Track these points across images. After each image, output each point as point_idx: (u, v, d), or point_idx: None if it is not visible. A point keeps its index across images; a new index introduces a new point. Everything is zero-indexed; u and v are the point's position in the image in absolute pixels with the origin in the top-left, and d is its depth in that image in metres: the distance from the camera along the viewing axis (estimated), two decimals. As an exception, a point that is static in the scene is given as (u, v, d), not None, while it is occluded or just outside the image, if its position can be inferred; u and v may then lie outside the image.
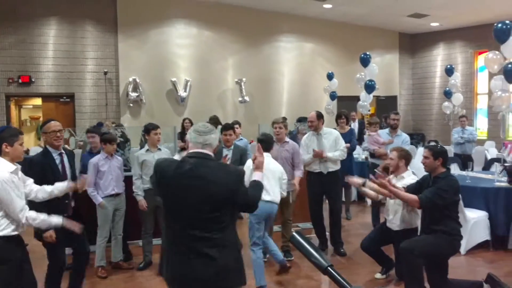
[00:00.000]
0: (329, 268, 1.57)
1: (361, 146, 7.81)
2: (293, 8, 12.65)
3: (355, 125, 10.28)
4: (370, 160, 6.82)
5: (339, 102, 12.93)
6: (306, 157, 5.63)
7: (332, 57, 14.05)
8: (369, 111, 10.51)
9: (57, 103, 11.37)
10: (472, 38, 13.68)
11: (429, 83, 15.08)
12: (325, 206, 5.95)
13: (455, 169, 7.19)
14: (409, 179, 4.51)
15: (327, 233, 5.91)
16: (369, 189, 4.64)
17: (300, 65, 13.70)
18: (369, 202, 7.86)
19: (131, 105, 11.58)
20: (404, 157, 4.65)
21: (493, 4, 11.25)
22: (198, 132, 2.62)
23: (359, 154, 8.63)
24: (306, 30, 13.59)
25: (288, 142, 5.47)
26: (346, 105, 11.16)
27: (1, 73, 10.65)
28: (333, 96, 12.71)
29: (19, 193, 3.13)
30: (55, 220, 3.35)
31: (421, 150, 8.96)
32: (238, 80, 12.56)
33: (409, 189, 4.29)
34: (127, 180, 5.33)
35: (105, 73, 11.28)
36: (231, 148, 5.42)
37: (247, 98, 12.56)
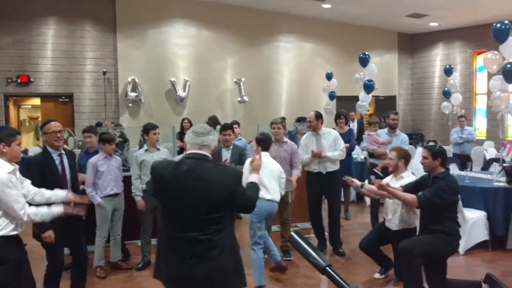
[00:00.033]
0: (327, 268, 1.57)
1: (360, 146, 7.80)
2: (292, 8, 12.65)
3: (354, 125, 10.28)
4: (369, 160, 6.81)
5: (338, 102, 12.93)
6: (305, 157, 5.63)
7: (331, 57, 14.04)
8: (368, 111, 10.50)
9: (56, 103, 11.36)
10: (471, 38, 13.69)
11: (428, 83, 15.08)
12: (324, 206, 5.95)
13: (454, 169, 7.19)
14: (408, 179, 4.50)
15: (326, 233, 5.91)
16: (367, 191, 4.65)
17: (299, 65, 13.69)
18: (368, 202, 7.86)
19: (130, 105, 11.57)
20: (403, 157, 4.66)
21: (492, 4, 11.26)
22: (196, 133, 2.61)
23: (358, 154, 8.64)
24: (305, 30, 13.58)
25: (287, 142, 5.47)
26: (345, 105, 11.16)
27: (0, 73, 10.64)
28: (332, 96, 12.73)
29: (18, 192, 3.12)
30: (56, 210, 3.37)
31: (420, 150, 8.96)
32: (237, 80, 12.55)
33: (407, 188, 4.29)
34: (126, 180, 5.33)
35: (104, 73, 11.27)
36: (230, 148, 5.41)
37: (246, 98, 12.55)
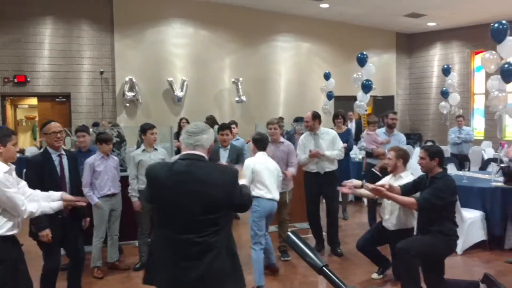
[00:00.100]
0: (324, 268, 1.55)
1: (358, 145, 7.78)
2: (290, 8, 12.64)
3: (352, 125, 10.28)
4: (367, 160, 6.77)
5: (336, 102, 12.92)
6: (302, 157, 5.62)
7: (329, 56, 14.04)
8: (366, 111, 10.51)
9: (53, 103, 11.32)
10: (469, 38, 13.70)
11: (426, 83, 15.09)
12: (322, 207, 5.94)
13: (452, 169, 7.19)
14: (407, 179, 4.49)
15: (323, 233, 5.90)
16: (367, 190, 4.61)
17: (297, 64, 13.68)
18: (365, 202, 7.85)
19: (128, 105, 11.53)
20: (402, 156, 4.65)
21: (489, 4, 11.27)
22: (188, 133, 2.54)
23: (356, 154, 8.62)
24: (303, 30, 13.57)
25: (283, 142, 5.46)
26: (343, 105, 11.16)
27: (-3, 72, 10.62)
28: (330, 96, 12.73)
29: (16, 190, 3.11)
30: (56, 204, 3.36)
31: (418, 150, 8.95)
32: (235, 79, 12.53)
33: (405, 188, 4.29)
34: (123, 180, 5.32)
35: (101, 72, 11.24)
36: (228, 148, 5.40)
37: (244, 98, 12.52)
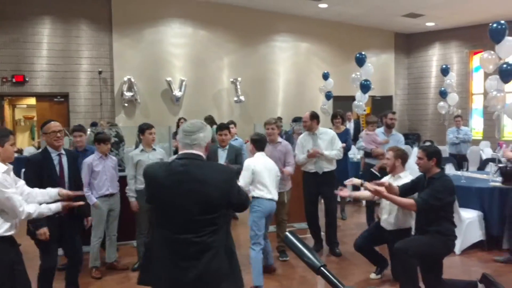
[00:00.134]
0: (322, 268, 1.55)
1: (356, 145, 7.77)
2: (289, 8, 12.63)
3: (351, 125, 10.29)
4: (365, 159, 6.76)
5: (334, 102, 12.92)
6: (301, 157, 5.62)
7: (327, 56, 14.04)
8: (365, 111, 10.51)
9: (51, 102, 11.31)
10: (468, 38, 13.71)
11: (424, 83, 15.10)
12: (321, 207, 5.94)
13: (450, 169, 7.20)
14: (406, 179, 4.49)
15: (322, 233, 5.90)
16: (367, 190, 4.60)
17: (295, 64, 13.68)
18: (364, 202, 7.85)
19: (126, 104, 11.52)
20: (401, 156, 4.64)
21: (488, 4, 11.28)
22: (185, 132, 2.51)
23: (355, 154, 8.62)
24: (301, 30, 13.57)
25: (281, 142, 5.46)
26: (342, 105, 11.14)
27: (-5, 72, 10.60)
28: (328, 96, 12.73)
29: (15, 190, 3.11)
30: (55, 206, 3.36)
31: (416, 150, 8.95)
32: (234, 79, 12.52)
33: (403, 188, 4.29)
34: (121, 180, 5.30)
35: (100, 72, 11.22)
36: (226, 148, 5.40)
37: (242, 98, 12.51)
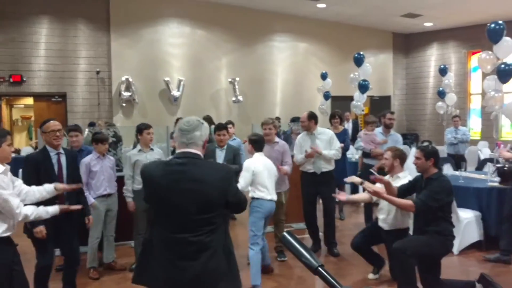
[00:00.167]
0: (319, 268, 1.54)
1: (355, 146, 7.76)
2: (287, 8, 12.63)
3: (349, 125, 10.29)
4: (364, 160, 6.75)
5: (333, 102, 12.93)
6: (299, 157, 5.62)
7: (325, 56, 14.03)
8: (363, 111, 10.50)
9: (49, 102, 11.27)
10: (466, 38, 13.72)
11: (422, 83, 15.10)
12: (319, 207, 5.94)
13: (448, 169, 7.19)
14: (405, 179, 4.49)
15: (320, 234, 5.90)
16: (366, 189, 4.60)
17: (293, 64, 13.67)
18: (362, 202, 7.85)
19: (124, 104, 11.49)
20: (399, 156, 4.64)
21: (486, 5, 11.29)
22: (181, 130, 2.51)
23: (353, 154, 8.61)
24: (299, 30, 13.56)
25: (278, 142, 5.45)
26: (340, 105, 11.15)
27: (-8, 72, 10.56)
28: (326, 96, 12.73)
29: (12, 192, 3.10)
30: (52, 209, 3.35)
31: (414, 151, 8.95)
32: (232, 79, 12.50)
33: (401, 189, 4.28)
34: (119, 180, 5.29)
35: (98, 72, 11.19)
36: (224, 148, 5.39)
37: (240, 98, 12.49)
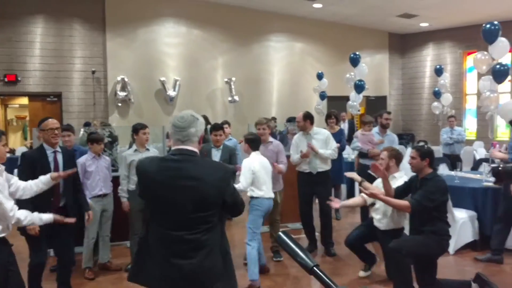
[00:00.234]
0: (314, 268, 1.54)
1: (351, 146, 7.75)
2: (283, 8, 12.63)
3: (345, 125, 10.30)
4: (360, 160, 6.72)
5: (329, 102, 12.94)
6: (295, 157, 5.61)
7: (322, 56, 14.04)
8: (359, 111, 10.53)
9: (44, 102, 11.21)
10: (461, 39, 13.77)
11: (418, 83, 15.14)
12: (315, 207, 5.93)
13: (444, 169, 7.21)
14: (401, 180, 4.49)
15: (316, 234, 5.89)
16: (365, 189, 4.59)
17: (290, 64, 13.68)
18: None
19: (120, 104, 11.45)
20: (395, 156, 4.64)
21: (482, 5, 11.33)
22: (175, 127, 2.44)
23: (349, 154, 8.62)
24: (296, 30, 13.57)
25: (272, 142, 5.44)
26: (336, 105, 11.17)
27: (-13, 71, 10.49)
28: (323, 96, 12.74)
29: (6, 195, 3.07)
30: (46, 217, 3.33)
31: (410, 151, 8.96)
32: (228, 79, 12.49)
33: (397, 190, 4.28)
34: (115, 180, 5.27)
35: (93, 72, 11.16)
36: (220, 148, 5.39)
37: (236, 98, 12.48)
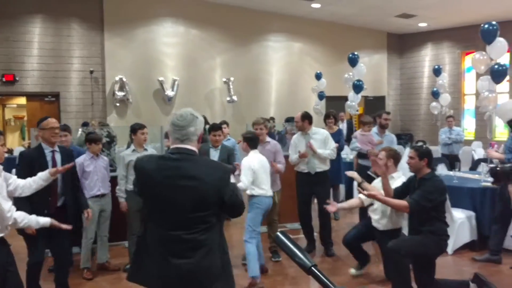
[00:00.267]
0: (312, 268, 1.53)
1: (350, 146, 7.74)
2: (282, 8, 12.62)
3: (344, 126, 10.30)
4: (359, 160, 6.72)
5: (327, 102, 12.95)
6: (293, 157, 5.61)
7: (320, 56, 14.04)
8: (357, 111, 10.53)
9: (42, 102, 11.20)
10: (460, 39, 13.78)
11: (417, 83, 15.15)
12: (314, 207, 5.93)
13: (442, 169, 7.21)
14: (399, 181, 4.49)
15: (315, 234, 5.89)
16: (364, 189, 4.58)
17: (288, 64, 13.67)
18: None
19: (118, 104, 11.44)
20: (393, 156, 4.64)
21: (480, 5, 11.35)
22: (174, 125, 2.42)
23: (347, 154, 8.62)
24: (294, 30, 13.56)
25: (270, 142, 5.43)
26: (334, 105, 11.17)
27: (-15, 71, 10.46)
28: (321, 96, 12.75)
29: (4, 195, 3.06)
30: (43, 220, 3.30)
31: (408, 151, 8.95)
32: (226, 79, 12.48)
33: (395, 191, 4.27)
34: (113, 180, 5.26)
35: (91, 72, 11.14)
36: (219, 148, 5.38)
37: (235, 98, 12.47)
